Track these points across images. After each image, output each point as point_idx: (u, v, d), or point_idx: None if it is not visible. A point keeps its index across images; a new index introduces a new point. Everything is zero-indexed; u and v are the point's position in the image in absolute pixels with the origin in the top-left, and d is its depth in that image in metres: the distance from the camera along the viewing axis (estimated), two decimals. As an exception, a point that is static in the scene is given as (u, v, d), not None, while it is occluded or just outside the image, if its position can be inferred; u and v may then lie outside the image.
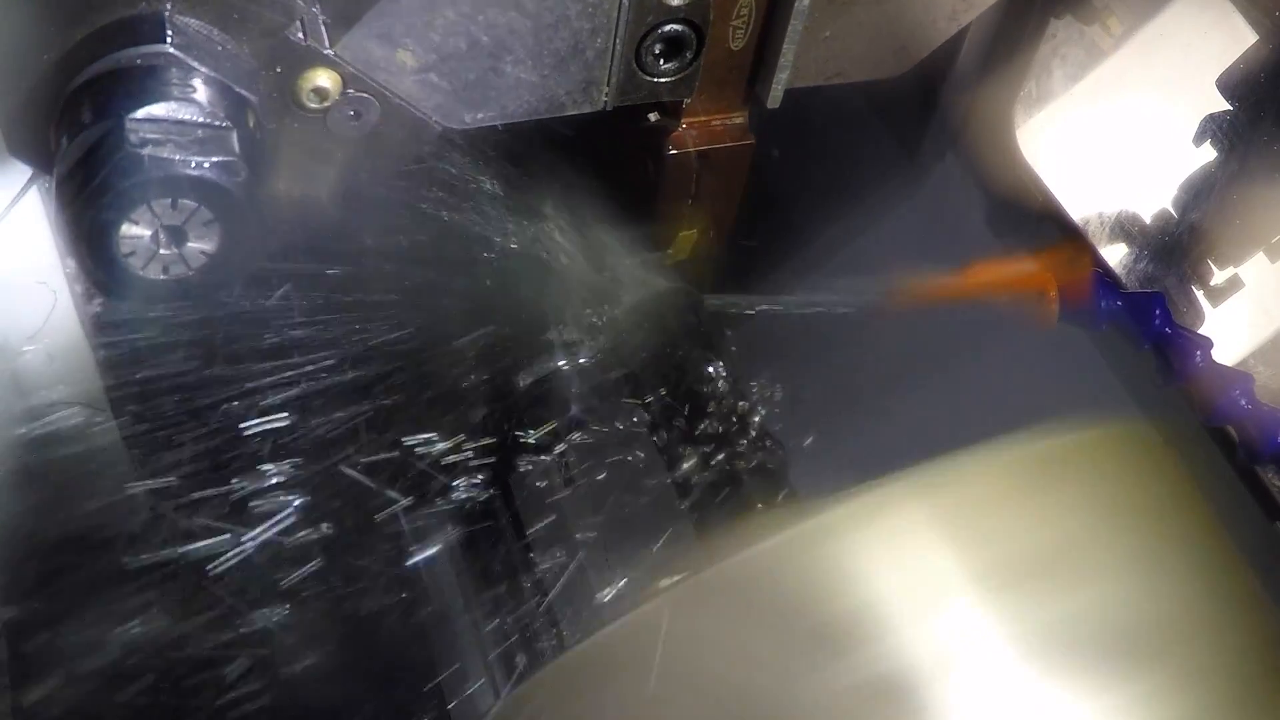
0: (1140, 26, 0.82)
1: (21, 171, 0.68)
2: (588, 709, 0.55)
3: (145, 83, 0.58)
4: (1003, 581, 0.51)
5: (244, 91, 0.60)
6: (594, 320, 0.83)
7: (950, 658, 0.50)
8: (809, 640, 0.50)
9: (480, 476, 0.93)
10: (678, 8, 0.67)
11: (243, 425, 0.80)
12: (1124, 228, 0.82)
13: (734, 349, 0.86)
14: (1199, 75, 0.76)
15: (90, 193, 0.57)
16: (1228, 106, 0.75)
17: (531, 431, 0.94)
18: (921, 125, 0.93)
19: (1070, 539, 0.54)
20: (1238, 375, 0.75)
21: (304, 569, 0.88)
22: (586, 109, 0.70)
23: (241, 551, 0.85)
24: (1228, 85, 0.75)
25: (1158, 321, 0.76)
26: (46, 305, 0.79)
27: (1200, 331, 0.77)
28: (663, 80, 0.70)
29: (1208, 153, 0.77)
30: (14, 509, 0.79)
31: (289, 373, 0.78)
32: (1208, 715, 0.52)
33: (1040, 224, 0.84)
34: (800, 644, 0.50)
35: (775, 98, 0.74)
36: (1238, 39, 0.75)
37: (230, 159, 0.58)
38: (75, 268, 0.76)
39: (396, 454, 0.88)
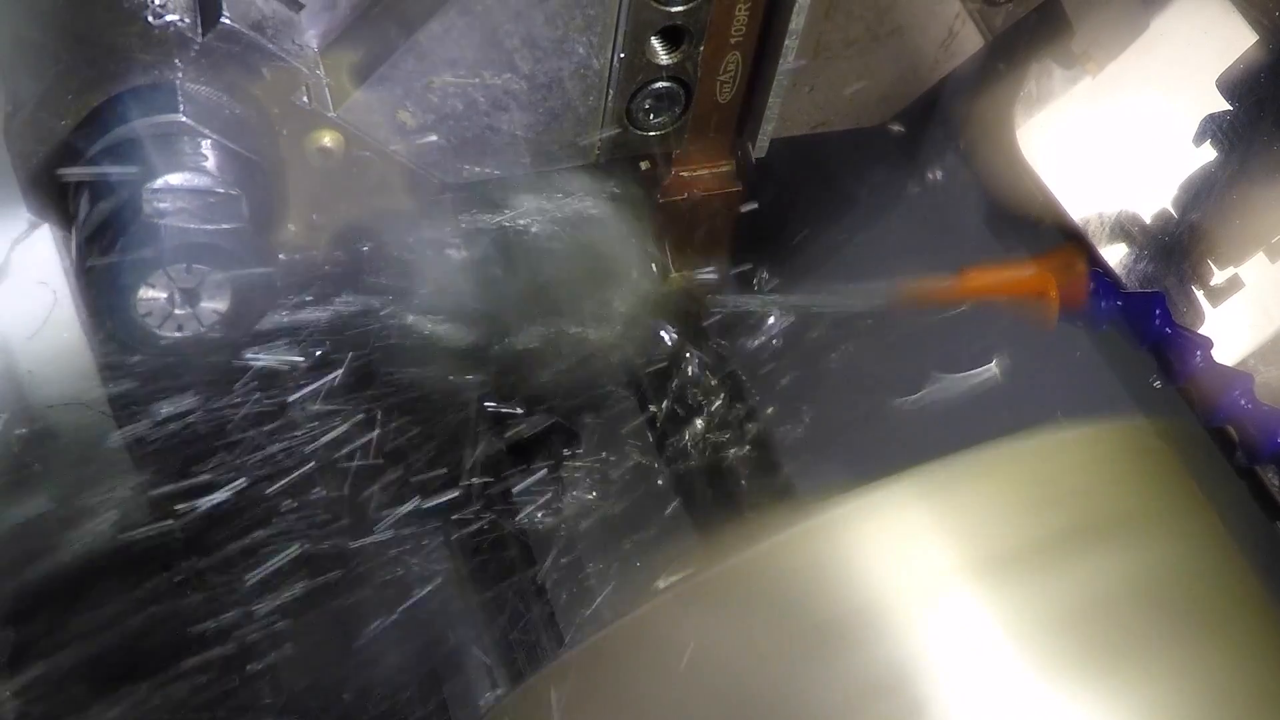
0: (1139, 28, 0.82)
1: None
2: (587, 709, 0.55)
3: (160, 152, 0.61)
4: (1002, 581, 0.51)
5: (252, 155, 0.63)
6: (594, 327, 0.84)
7: (950, 658, 0.50)
8: (809, 639, 0.50)
9: (480, 479, 0.93)
10: (666, 66, 0.69)
11: (243, 426, 0.80)
12: (1124, 228, 0.82)
13: (733, 349, 0.86)
14: (1199, 75, 0.76)
15: (110, 260, 0.60)
16: (1228, 106, 0.75)
17: (532, 435, 0.94)
18: (922, 126, 0.93)
19: (1070, 539, 0.54)
20: (1238, 375, 0.75)
21: (304, 570, 0.88)
22: (580, 162, 0.72)
23: (241, 551, 0.85)
24: (1228, 85, 0.75)
25: (1158, 321, 0.76)
26: (46, 305, 0.79)
27: (1200, 331, 0.77)
28: (653, 134, 0.72)
29: (1208, 153, 0.77)
30: (13, 509, 0.79)
31: (288, 379, 0.78)
32: (1208, 715, 0.52)
33: (1040, 224, 0.85)
34: (801, 643, 0.50)
35: (762, 148, 0.77)
36: (1238, 39, 0.75)
37: (240, 225, 0.61)
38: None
39: (397, 457, 0.88)
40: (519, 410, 0.89)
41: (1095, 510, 0.55)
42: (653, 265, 0.82)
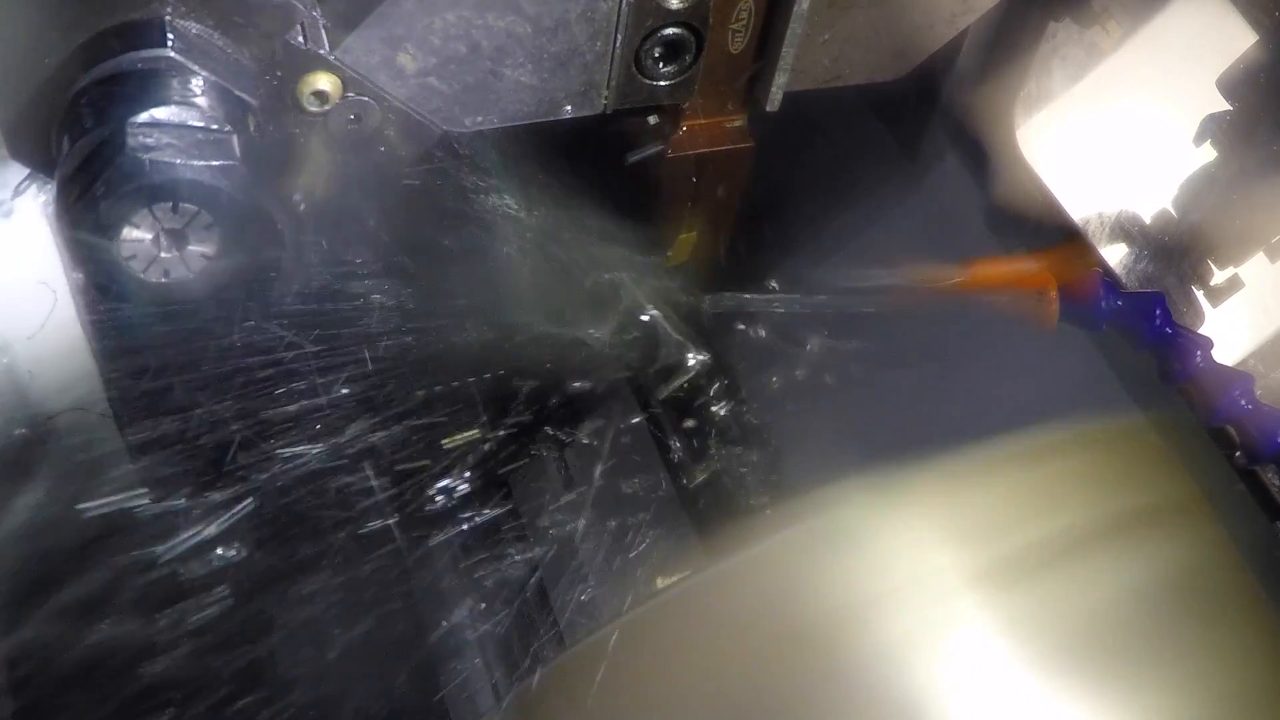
0: (1140, 27, 0.82)
1: (19, 170, 0.69)
2: (587, 708, 0.55)
3: (146, 87, 0.59)
4: (1001, 581, 0.51)
5: (244, 95, 0.61)
6: (594, 321, 0.83)
7: (948, 657, 0.50)
8: (809, 639, 0.50)
9: (480, 476, 0.93)
10: (677, 11, 0.67)
11: (242, 424, 0.80)
12: (1124, 228, 0.82)
13: (733, 348, 0.86)
14: (1199, 75, 0.76)
15: (91, 196, 0.57)
16: (1228, 106, 0.75)
17: (532, 431, 0.94)
18: (921, 125, 0.93)
19: (1070, 539, 0.54)
20: (1238, 375, 0.75)
21: (303, 570, 0.88)
22: (586, 112, 0.70)
23: (241, 552, 0.85)
24: (1228, 85, 0.75)
25: (1158, 321, 0.76)
26: (46, 305, 0.79)
27: (1200, 331, 0.77)
28: (662, 84, 0.70)
29: (1208, 153, 0.77)
30: (13, 509, 0.79)
31: (288, 371, 0.78)
32: (1207, 714, 0.52)
33: (1040, 224, 0.84)
34: (800, 643, 0.50)
35: (774, 101, 0.74)
36: (1238, 39, 0.75)
37: (230, 163, 0.59)
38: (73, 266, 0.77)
39: (396, 455, 0.88)
40: (514, 405, 0.89)
41: (1095, 510, 0.55)
42: (657, 242, 0.81)
